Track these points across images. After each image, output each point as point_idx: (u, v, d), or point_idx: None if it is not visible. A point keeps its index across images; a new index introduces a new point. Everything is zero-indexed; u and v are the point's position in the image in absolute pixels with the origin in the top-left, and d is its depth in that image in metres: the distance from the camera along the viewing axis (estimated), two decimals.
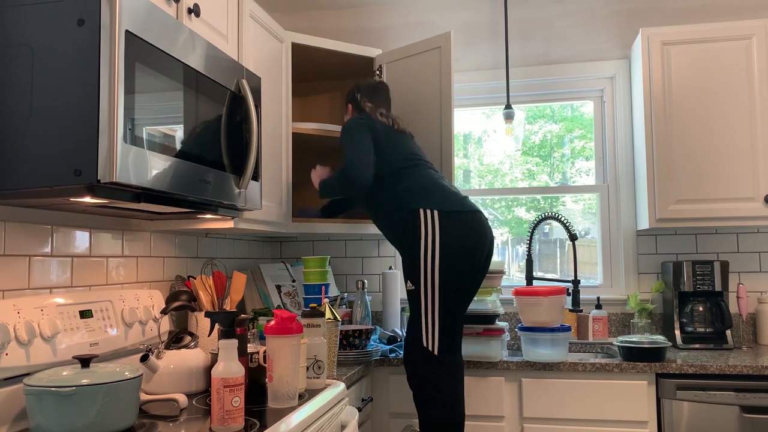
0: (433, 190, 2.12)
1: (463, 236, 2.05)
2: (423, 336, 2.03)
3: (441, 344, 2.03)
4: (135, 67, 1.33)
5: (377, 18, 3.20)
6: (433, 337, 2.02)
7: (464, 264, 2.05)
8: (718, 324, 2.58)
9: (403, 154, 2.23)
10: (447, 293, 2.04)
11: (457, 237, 2.04)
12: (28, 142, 1.29)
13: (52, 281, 1.67)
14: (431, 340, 2.02)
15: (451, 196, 2.13)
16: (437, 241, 2.03)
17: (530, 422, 2.32)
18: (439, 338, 2.02)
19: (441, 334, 2.03)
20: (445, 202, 2.09)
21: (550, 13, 3.05)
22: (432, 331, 2.02)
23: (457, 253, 2.03)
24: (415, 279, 2.05)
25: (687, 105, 2.58)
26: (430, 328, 2.03)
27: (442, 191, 2.13)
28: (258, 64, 2.30)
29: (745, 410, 2.17)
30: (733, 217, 2.53)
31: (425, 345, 2.02)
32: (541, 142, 3.20)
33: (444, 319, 2.03)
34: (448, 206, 2.08)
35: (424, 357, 2.04)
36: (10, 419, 1.41)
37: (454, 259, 2.03)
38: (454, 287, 2.05)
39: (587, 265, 3.05)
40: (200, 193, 1.59)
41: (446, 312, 2.04)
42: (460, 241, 2.04)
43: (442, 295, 2.03)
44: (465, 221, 2.07)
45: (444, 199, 2.10)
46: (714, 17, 2.89)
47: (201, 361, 1.77)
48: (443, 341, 2.03)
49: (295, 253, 3.21)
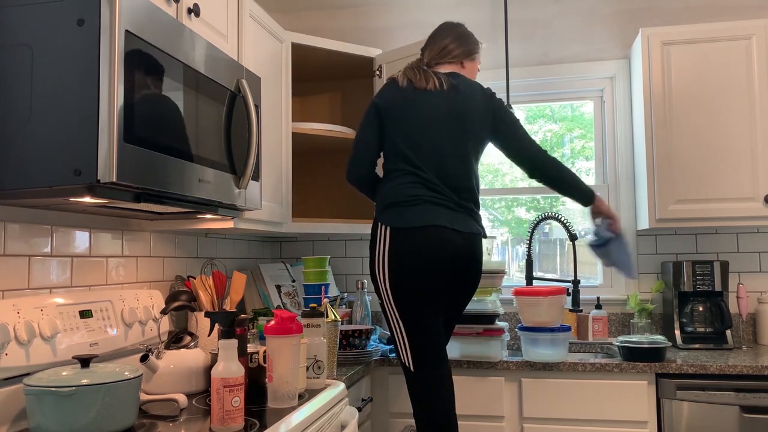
0: (395, 204, 1.98)
1: (413, 256, 1.92)
2: (399, 352, 1.99)
3: (415, 360, 1.96)
4: (135, 67, 1.33)
5: (377, 18, 3.20)
6: (406, 354, 1.97)
7: (415, 283, 1.93)
8: (718, 324, 2.58)
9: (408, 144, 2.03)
10: (406, 312, 1.95)
11: (407, 256, 1.93)
12: (28, 142, 1.29)
13: (52, 281, 1.67)
14: (405, 355, 1.97)
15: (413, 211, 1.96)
16: (386, 260, 1.95)
17: (530, 422, 2.32)
18: (412, 355, 1.96)
19: (413, 350, 1.96)
20: (399, 218, 1.95)
21: (550, 13, 3.05)
22: (404, 347, 1.97)
23: (405, 272, 1.93)
24: (378, 296, 2.01)
25: (687, 105, 2.58)
26: (402, 344, 1.97)
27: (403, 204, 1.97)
28: (258, 64, 2.30)
29: (745, 410, 2.17)
30: (733, 217, 2.53)
31: (403, 361, 1.98)
32: (541, 142, 3.19)
33: (411, 336, 1.96)
34: (400, 223, 1.95)
35: (405, 372, 2.00)
36: (10, 419, 1.41)
37: (403, 279, 1.93)
38: (411, 306, 1.95)
39: (587, 265, 3.05)
40: (200, 193, 1.59)
41: (412, 330, 1.96)
42: (409, 261, 1.93)
43: (402, 314, 1.95)
44: (418, 238, 1.93)
45: (400, 215, 1.96)
46: (714, 17, 2.89)
47: (201, 361, 1.77)
48: (417, 357, 1.96)
49: (295, 253, 3.21)
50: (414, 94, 2.07)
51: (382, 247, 1.96)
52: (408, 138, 2.03)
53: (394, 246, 1.95)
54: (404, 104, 2.06)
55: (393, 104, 2.07)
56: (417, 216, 1.95)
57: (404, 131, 2.04)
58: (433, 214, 1.96)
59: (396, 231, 1.95)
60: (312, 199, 3.16)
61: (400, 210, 1.97)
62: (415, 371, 1.96)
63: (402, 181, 2.01)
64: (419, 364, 1.96)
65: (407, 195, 1.98)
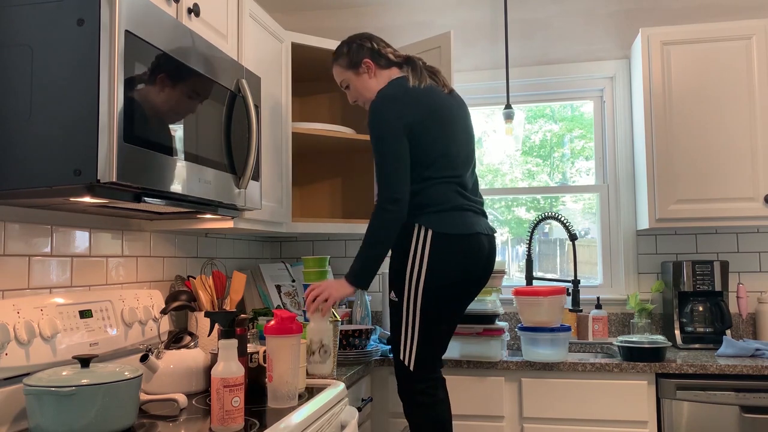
0: (436, 209, 1.96)
1: (453, 261, 1.94)
2: (401, 349, 1.98)
3: (416, 361, 1.96)
4: (135, 67, 1.33)
5: (377, 18, 3.20)
6: (410, 353, 1.96)
7: (448, 289, 1.95)
8: (718, 324, 2.58)
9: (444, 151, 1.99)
10: (428, 314, 1.95)
11: (448, 261, 1.94)
12: (27, 142, 1.28)
13: (52, 281, 1.67)
14: (408, 355, 1.96)
15: (455, 217, 1.97)
16: (425, 262, 1.93)
17: (530, 422, 2.32)
18: (415, 355, 1.96)
19: (418, 351, 1.96)
20: (443, 224, 1.94)
21: (550, 13, 3.05)
22: (410, 346, 1.96)
23: (445, 277, 1.94)
24: (399, 293, 1.98)
25: (687, 105, 2.58)
26: (408, 343, 1.97)
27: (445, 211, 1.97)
28: (258, 64, 2.30)
29: (745, 410, 2.17)
30: (733, 217, 2.53)
31: (402, 359, 1.98)
32: (541, 142, 3.20)
33: (423, 337, 1.96)
34: (444, 228, 1.94)
35: (402, 370, 2.00)
36: (9, 419, 1.41)
37: (441, 283, 1.94)
38: (436, 309, 1.96)
39: (587, 265, 3.05)
40: (200, 193, 1.58)
41: (426, 331, 1.96)
42: (450, 266, 1.94)
43: (424, 316, 1.95)
44: (460, 245, 1.94)
45: (444, 220, 1.95)
46: (714, 17, 2.89)
47: (201, 361, 1.77)
48: (419, 358, 1.96)
49: (295, 253, 3.21)
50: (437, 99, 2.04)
51: (421, 249, 1.94)
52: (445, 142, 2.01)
53: (435, 250, 1.93)
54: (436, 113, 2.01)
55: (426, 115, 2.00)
56: (459, 223, 1.96)
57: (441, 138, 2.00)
58: (472, 221, 1.99)
59: (438, 236, 1.94)
60: (312, 199, 3.16)
61: (443, 215, 1.96)
62: (414, 371, 1.96)
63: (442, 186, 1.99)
64: (421, 365, 1.97)
65: (447, 200, 1.98)
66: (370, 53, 2.13)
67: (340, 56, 2.17)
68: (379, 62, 2.13)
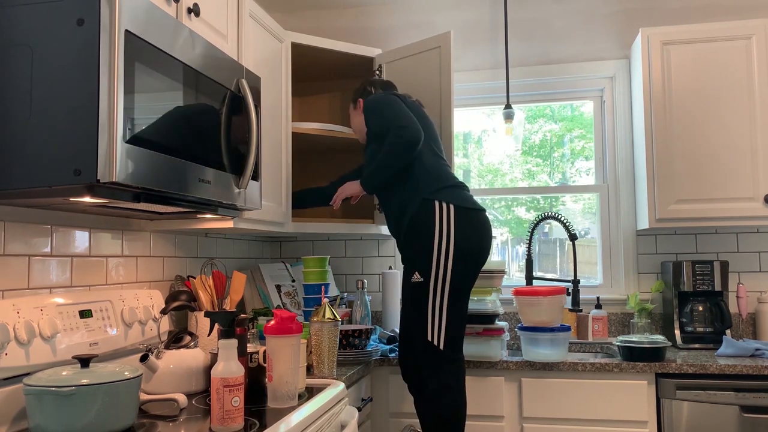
0: (449, 184, 2.13)
1: (475, 235, 2.07)
2: (429, 330, 2.02)
3: (447, 339, 2.02)
4: (135, 67, 1.33)
5: (377, 18, 3.20)
6: (439, 332, 2.02)
7: (473, 262, 2.08)
8: (717, 324, 2.58)
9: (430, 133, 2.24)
10: (455, 290, 2.04)
11: (470, 235, 2.06)
12: (27, 141, 1.29)
13: (52, 281, 1.67)
14: (437, 334, 2.01)
15: (465, 193, 2.14)
16: (452, 237, 2.03)
17: (530, 422, 2.32)
18: (445, 333, 2.02)
19: (447, 329, 2.03)
20: (461, 198, 2.10)
21: (550, 13, 3.05)
22: (439, 325, 2.02)
23: (468, 250, 2.05)
24: (424, 271, 2.04)
25: (687, 105, 2.58)
26: (437, 322, 2.02)
27: (456, 187, 2.14)
28: (258, 64, 2.30)
29: (745, 410, 2.17)
30: (733, 217, 2.53)
31: (430, 339, 2.01)
32: (541, 142, 3.20)
33: (451, 313, 2.04)
34: (464, 203, 2.09)
35: (428, 352, 2.02)
36: (9, 419, 1.41)
37: (466, 256, 2.05)
38: (462, 285, 2.06)
39: (587, 264, 3.05)
40: (200, 193, 1.58)
41: (454, 307, 2.04)
42: (472, 240, 2.06)
43: (452, 291, 2.03)
44: (478, 219, 2.10)
45: (460, 195, 2.11)
46: (714, 17, 2.89)
47: (201, 361, 1.77)
48: (449, 336, 2.03)
49: (295, 253, 3.21)
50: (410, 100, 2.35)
51: (446, 223, 2.04)
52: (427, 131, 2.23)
53: (459, 224, 2.04)
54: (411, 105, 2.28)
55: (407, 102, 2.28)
56: (470, 199, 2.14)
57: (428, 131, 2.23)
58: (474, 198, 2.17)
59: (460, 210, 2.06)
60: None
61: (457, 191, 2.12)
62: (445, 350, 2.01)
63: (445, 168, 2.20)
64: (450, 343, 2.03)
65: (454, 179, 2.17)
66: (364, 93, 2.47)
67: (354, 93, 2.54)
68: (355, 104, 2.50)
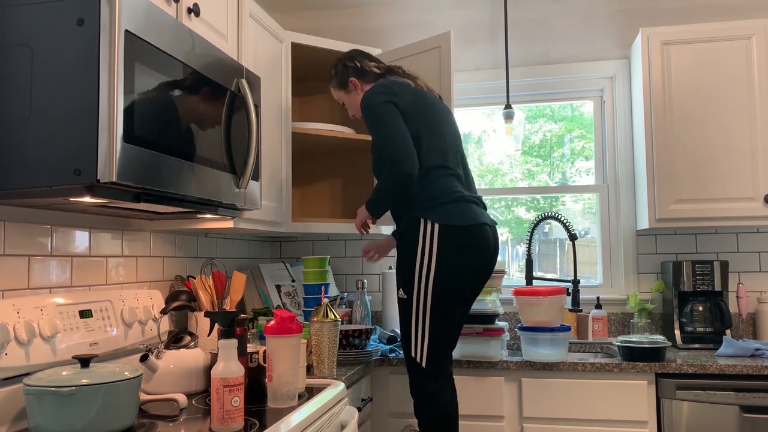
0: (440, 201, 2.00)
1: (461, 254, 1.96)
2: (412, 347, 1.99)
3: (429, 357, 1.98)
4: (135, 67, 1.33)
5: (377, 18, 3.20)
6: (422, 350, 1.98)
7: (458, 282, 1.98)
8: (717, 324, 2.58)
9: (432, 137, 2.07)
10: (440, 309, 1.97)
11: (454, 255, 1.95)
12: (27, 141, 1.29)
13: (52, 281, 1.67)
14: (420, 352, 1.98)
15: (459, 208, 2.00)
16: (434, 257, 1.95)
17: (530, 422, 2.32)
18: (427, 351, 1.97)
19: (430, 347, 1.98)
20: (449, 216, 1.97)
21: (550, 13, 3.05)
22: (422, 343, 1.98)
23: (453, 270, 1.96)
24: (408, 290, 1.99)
25: (687, 105, 2.58)
26: (419, 340, 1.98)
27: (450, 203, 2.00)
28: (258, 64, 2.30)
29: (745, 410, 2.17)
30: (733, 217, 2.53)
31: (413, 356, 1.99)
32: (541, 142, 3.20)
33: (434, 333, 1.98)
34: (451, 220, 1.97)
35: (412, 367, 2.01)
36: (9, 419, 1.41)
37: (449, 277, 1.96)
38: (447, 303, 1.98)
39: (587, 264, 3.05)
40: (200, 193, 1.58)
41: (437, 327, 1.98)
42: (456, 259, 1.96)
43: (436, 311, 1.97)
44: (467, 236, 1.97)
45: (451, 212, 1.98)
46: (714, 17, 2.89)
47: (201, 361, 1.77)
48: (431, 355, 1.98)
49: (295, 253, 3.21)
50: (424, 95, 2.17)
51: (428, 243, 1.97)
52: (436, 136, 2.09)
53: (442, 243, 1.96)
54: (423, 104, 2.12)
55: (414, 103, 2.10)
56: (464, 214, 2.00)
57: (431, 130, 2.08)
58: (475, 212, 2.03)
59: (445, 228, 1.97)
60: (312, 199, 3.16)
61: (446, 207, 2.00)
62: (426, 367, 1.98)
63: (442, 179, 2.05)
64: (433, 361, 1.98)
65: (450, 192, 2.03)
66: (355, 71, 2.29)
67: (331, 78, 2.36)
68: (364, 78, 2.29)
